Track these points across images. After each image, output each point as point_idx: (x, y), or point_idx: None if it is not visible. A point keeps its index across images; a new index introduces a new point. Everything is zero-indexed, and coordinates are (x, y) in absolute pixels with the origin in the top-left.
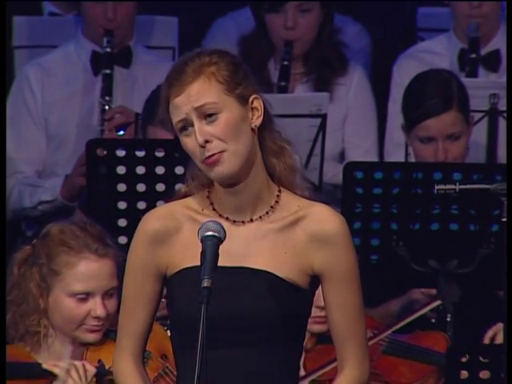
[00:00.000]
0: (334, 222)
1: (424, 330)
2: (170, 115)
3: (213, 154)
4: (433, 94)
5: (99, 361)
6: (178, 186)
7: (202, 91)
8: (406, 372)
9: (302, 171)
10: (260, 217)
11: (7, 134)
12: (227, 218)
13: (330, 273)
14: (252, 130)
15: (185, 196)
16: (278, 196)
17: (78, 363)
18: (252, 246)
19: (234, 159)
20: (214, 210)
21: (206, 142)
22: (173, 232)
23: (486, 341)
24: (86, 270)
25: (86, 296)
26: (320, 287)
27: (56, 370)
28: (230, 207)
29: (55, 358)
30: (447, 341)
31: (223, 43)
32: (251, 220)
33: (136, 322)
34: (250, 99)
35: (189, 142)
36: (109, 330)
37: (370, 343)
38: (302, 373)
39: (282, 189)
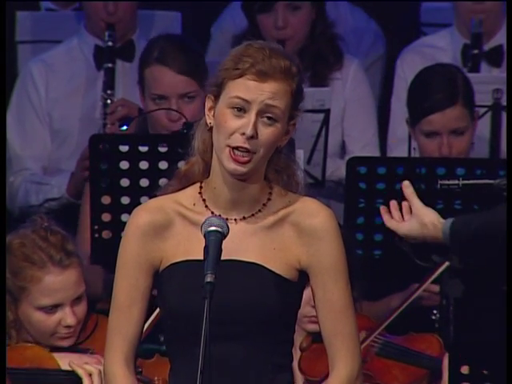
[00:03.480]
0: (322, 217)
1: (418, 333)
2: (232, 85)
3: (246, 151)
4: (438, 89)
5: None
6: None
7: (279, 95)
8: (399, 375)
9: (302, 186)
10: (252, 214)
11: (13, 131)
12: (219, 216)
13: (317, 267)
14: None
15: (185, 175)
16: (269, 193)
17: (101, 367)
18: (242, 243)
19: (256, 164)
20: (206, 206)
21: (252, 137)
22: (164, 226)
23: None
24: (51, 284)
25: (54, 308)
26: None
27: (80, 371)
28: (224, 204)
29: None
30: (440, 344)
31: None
32: (243, 218)
33: (130, 321)
34: (292, 122)
35: (233, 122)
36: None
37: (365, 343)
38: (299, 375)
39: (273, 186)
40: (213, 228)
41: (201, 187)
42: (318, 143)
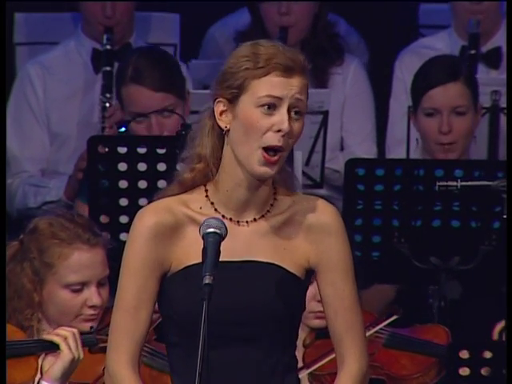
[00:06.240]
0: (328, 214)
1: (423, 324)
2: (259, 84)
3: (278, 150)
4: (439, 66)
5: (91, 327)
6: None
7: (304, 89)
8: (407, 364)
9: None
10: (262, 216)
11: (11, 133)
12: (231, 219)
13: (326, 264)
14: None
15: (188, 182)
16: (274, 194)
17: (74, 330)
18: (254, 244)
19: (280, 165)
20: (215, 210)
21: (287, 133)
22: (172, 227)
23: (495, 336)
24: (79, 260)
25: (80, 286)
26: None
27: (56, 339)
28: (236, 206)
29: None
30: (447, 334)
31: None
32: (254, 219)
33: (138, 324)
34: None
35: (266, 120)
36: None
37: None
38: (301, 365)
39: (276, 187)
40: (211, 230)
41: (206, 190)
42: (316, 145)
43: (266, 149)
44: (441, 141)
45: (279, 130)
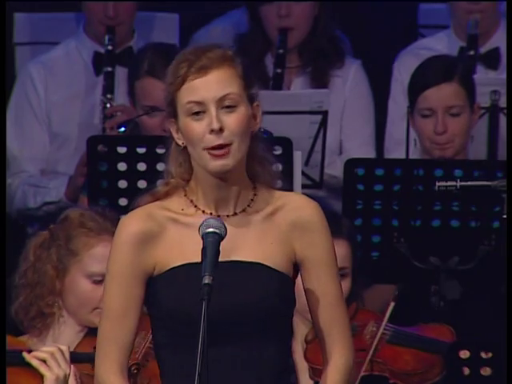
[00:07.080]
0: (312, 209)
1: (427, 323)
2: (181, 94)
3: (222, 146)
4: (435, 66)
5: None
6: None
7: (225, 80)
8: (411, 360)
9: (279, 175)
10: (243, 209)
11: (11, 133)
12: (211, 214)
13: (311, 260)
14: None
15: (166, 197)
16: (254, 189)
17: (53, 349)
18: (238, 239)
19: (237, 154)
20: (195, 207)
21: (220, 129)
22: (155, 233)
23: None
24: (104, 252)
25: (102, 278)
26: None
27: (34, 363)
28: (213, 202)
29: (60, 342)
30: (452, 333)
31: None
32: (235, 213)
33: (125, 331)
34: (255, 103)
35: (198, 127)
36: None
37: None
38: (305, 364)
39: (256, 184)
40: (210, 229)
41: (184, 190)
42: (315, 145)
43: (209, 149)
44: (436, 141)
45: (212, 130)
